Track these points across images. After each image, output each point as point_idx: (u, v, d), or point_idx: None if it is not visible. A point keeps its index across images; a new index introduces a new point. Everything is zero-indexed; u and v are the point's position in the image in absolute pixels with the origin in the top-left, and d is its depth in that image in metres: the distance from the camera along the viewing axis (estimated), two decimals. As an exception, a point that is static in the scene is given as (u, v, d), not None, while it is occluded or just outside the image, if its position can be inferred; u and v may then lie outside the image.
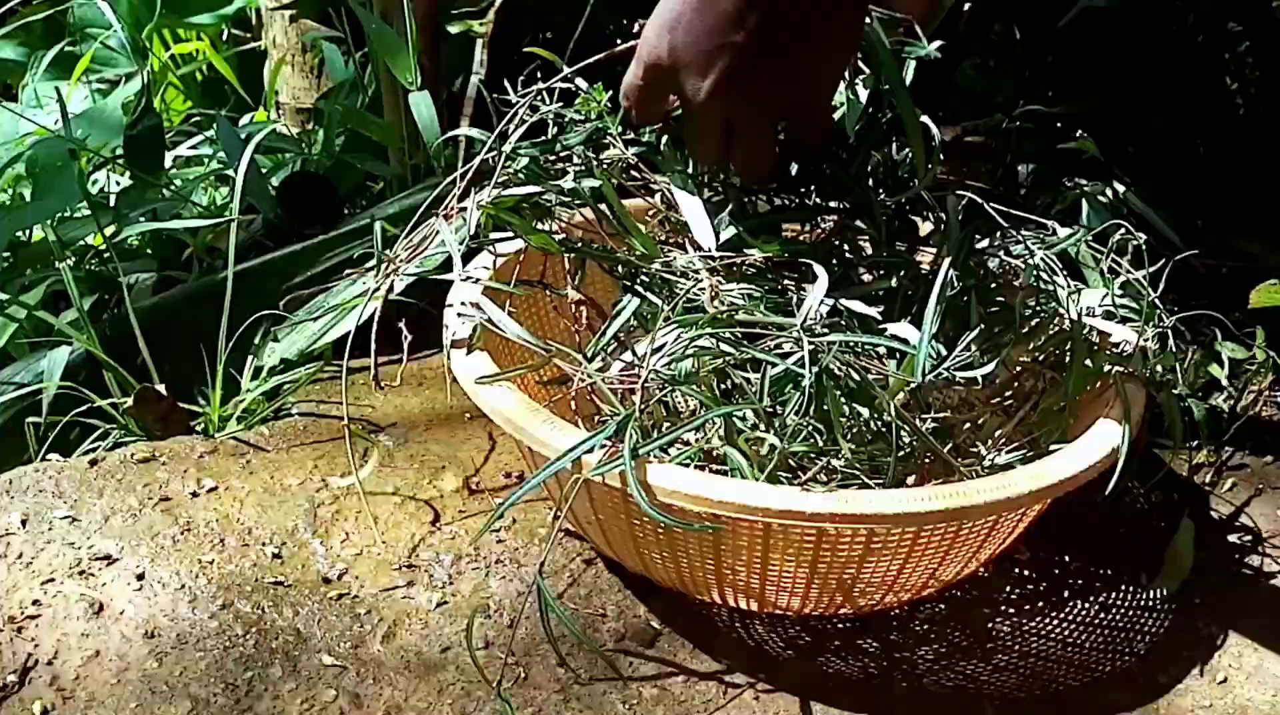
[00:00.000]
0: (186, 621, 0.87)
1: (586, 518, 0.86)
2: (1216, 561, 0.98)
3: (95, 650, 0.85)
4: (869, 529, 0.76)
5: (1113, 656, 0.89)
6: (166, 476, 1.03)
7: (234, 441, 1.08)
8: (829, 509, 0.72)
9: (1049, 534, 1.01)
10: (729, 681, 0.85)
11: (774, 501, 0.73)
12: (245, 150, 1.25)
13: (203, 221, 1.40)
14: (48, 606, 0.88)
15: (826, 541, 0.78)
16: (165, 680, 0.83)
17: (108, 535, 0.95)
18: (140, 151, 1.40)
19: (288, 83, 1.80)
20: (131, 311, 1.15)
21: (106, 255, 1.47)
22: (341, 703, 0.82)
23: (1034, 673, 0.87)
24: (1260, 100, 1.39)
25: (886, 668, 0.87)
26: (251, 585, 0.91)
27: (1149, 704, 0.85)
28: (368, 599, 0.91)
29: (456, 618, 0.89)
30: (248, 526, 0.97)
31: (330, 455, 1.07)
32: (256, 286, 1.22)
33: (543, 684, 0.84)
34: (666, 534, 0.81)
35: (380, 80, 1.50)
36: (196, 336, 1.16)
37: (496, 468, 1.06)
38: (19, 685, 0.82)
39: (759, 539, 0.78)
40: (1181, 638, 0.91)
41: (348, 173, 1.54)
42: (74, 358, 1.13)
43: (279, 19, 1.78)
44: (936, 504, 0.73)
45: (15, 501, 0.98)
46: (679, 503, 0.74)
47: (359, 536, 0.97)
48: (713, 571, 0.83)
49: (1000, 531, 0.84)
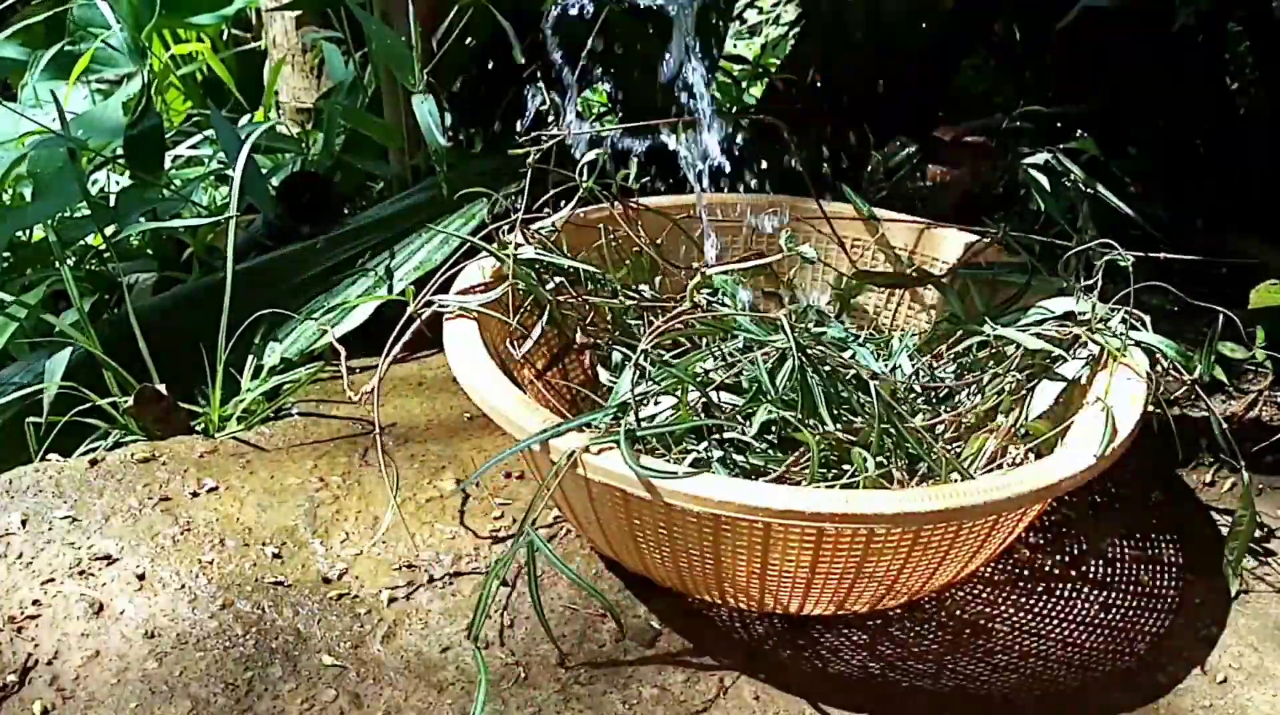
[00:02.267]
0: (186, 621, 0.87)
1: (586, 517, 0.86)
2: (1217, 562, 0.98)
3: (95, 650, 0.85)
4: (869, 529, 0.76)
5: (1113, 656, 0.89)
6: (166, 476, 1.03)
7: (234, 441, 1.08)
8: (829, 508, 0.72)
9: (1049, 534, 1.02)
10: (729, 682, 0.85)
11: (774, 501, 0.73)
12: (243, 149, 1.25)
13: (202, 220, 1.40)
14: (48, 606, 0.88)
15: (827, 541, 0.78)
16: (165, 680, 0.83)
17: (108, 535, 0.95)
18: (140, 151, 1.40)
19: (288, 83, 1.80)
20: (131, 311, 1.15)
21: (106, 255, 1.47)
22: (341, 703, 0.82)
23: (1034, 673, 0.87)
24: (1260, 100, 1.39)
25: (886, 668, 0.87)
26: (251, 585, 0.91)
27: (1149, 704, 0.85)
28: (368, 599, 0.91)
29: (456, 618, 0.89)
30: (248, 526, 0.97)
31: (330, 455, 1.07)
32: (256, 286, 1.22)
33: (543, 684, 0.84)
34: (668, 534, 0.81)
35: (380, 80, 1.50)
36: (196, 336, 1.16)
37: (497, 467, 1.06)
38: (19, 685, 0.82)
39: (759, 539, 0.78)
40: (1181, 638, 0.91)
41: (348, 173, 1.54)
42: (74, 358, 1.13)
43: (279, 19, 1.78)
44: (936, 504, 0.73)
45: (15, 501, 0.98)
46: (680, 503, 0.74)
47: (359, 536, 0.97)
48: (713, 571, 0.83)
49: (1000, 531, 0.84)
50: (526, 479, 1.05)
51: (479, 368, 0.86)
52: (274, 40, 1.80)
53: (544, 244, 0.99)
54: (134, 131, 1.39)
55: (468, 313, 0.93)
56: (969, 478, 0.88)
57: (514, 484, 1.04)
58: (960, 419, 0.96)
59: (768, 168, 1.23)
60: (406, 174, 1.46)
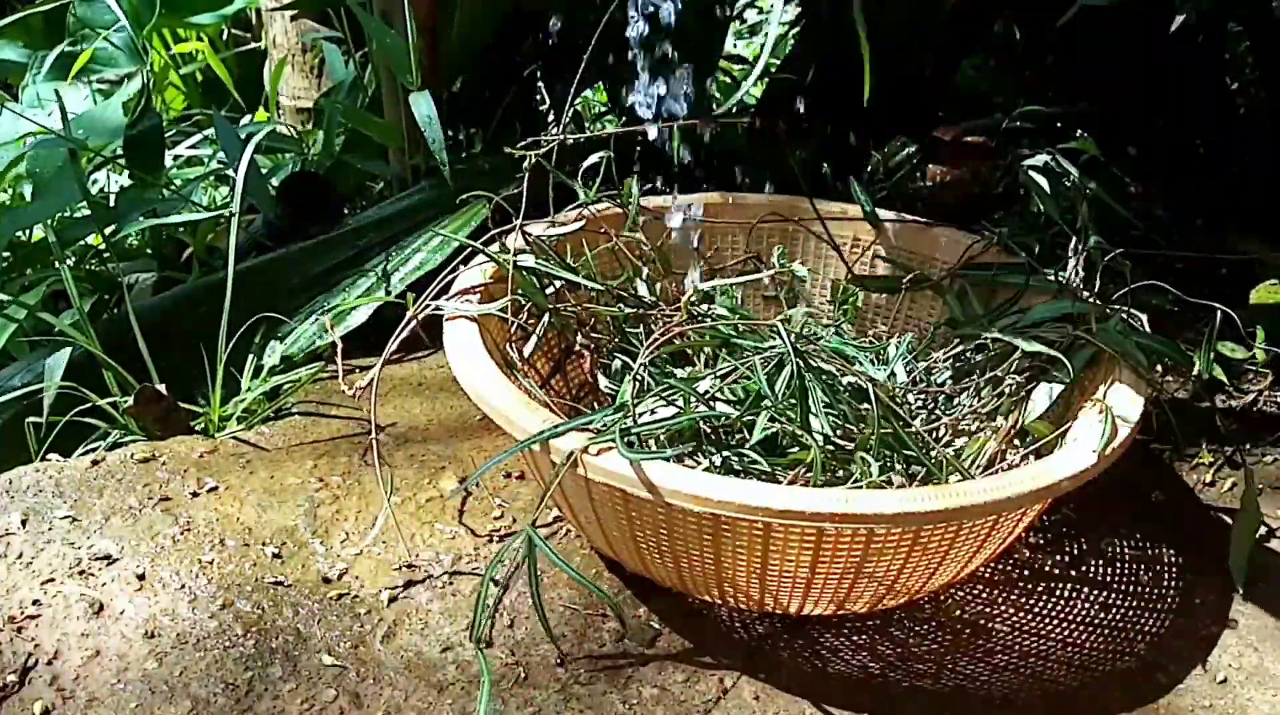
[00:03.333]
0: (186, 621, 0.87)
1: (587, 518, 0.86)
2: (1217, 561, 0.98)
3: (95, 650, 0.85)
4: (869, 529, 0.76)
5: (1113, 656, 0.89)
6: (166, 476, 1.03)
7: (234, 441, 1.08)
8: (829, 508, 0.73)
9: (1049, 534, 1.02)
10: (729, 682, 0.85)
11: (774, 501, 0.73)
12: (245, 150, 1.25)
13: (201, 215, 1.40)
14: (48, 606, 0.88)
15: (827, 541, 0.78)
16: (165, 680, 0.83)
17: (108, 535, 0.95)
18: (140, 151, 1.40)
19: (288, 83, 1.80)
20: (131, 311, 1.15)
21: (106, 255, 1.48)
22: (341, 703, 0.82)
23: (1034, 673, 0.87)
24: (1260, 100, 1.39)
25: (886, 668, 0.87)
26: (251, 585, 0.91)
27: (1149, 704, 0.85)
28: (368, 599, 0.91)
29: (456, 618, 0.89)
30: (248, 526, 0.97)
31: (330, 455, 1.07)
32: (256, 286, 1.22)
33: (543, 684, 0.84)
34: (668, 534, 0.81)
35: (380, 80, 1.50)
36: (196, 336, 1.16)
37: (497, 467, 1.06)
38: (19, 685, 0.82)
39: (759, 539, 0.78)
40: (1181, 638, 0.91)
41: (348, 173, 1.55)
42: (74, 358, 1.13)
43: (279, 19, 1.78)
44: (936, 504, 0.73)
45: (15, 501, 0.98)
46: (680, 502, 0.74)
47: (359, 536, 0.97)
48: (713, 571, 0.83)
49: (1000, 531, 0.84)
50: (527, 479, 1.05)
51: (479, 368, 0.86)
52: (274, 40, 1.80)
53: (543, 251, 0.99)
54: (134, 131, 1.39)
55: (468, 315, 0.93)
56: (969, 478, 0.88)
57: (514, 484, 1.04)
58: (959, 422, 0.96)
59: (768, 168, 1.24)
60: (406, 174, 1.46)
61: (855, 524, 0.75)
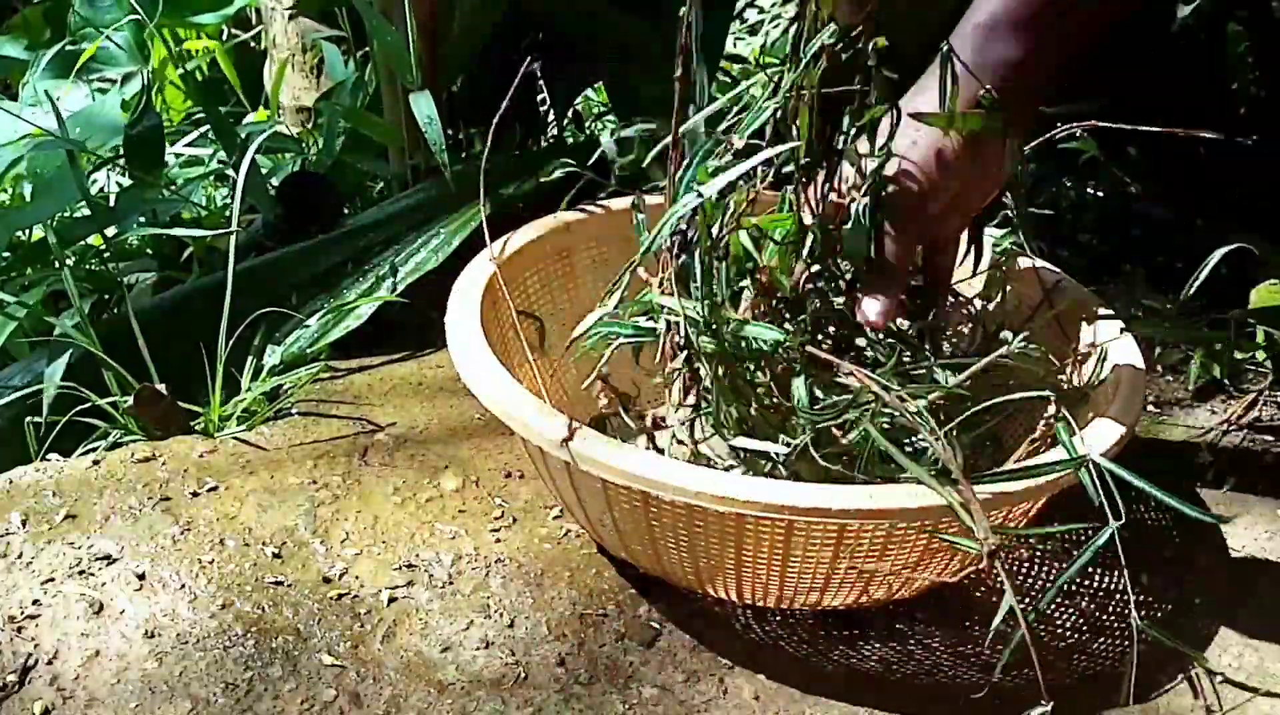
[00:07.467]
0: (186, 621, 0.87)
1: (599, 519, 0.86)
2: (1216, 561, 0.98)
3: (95, 650, 0.85)
4: (890, 523, 0.76)
5: (1113, 655, 0.89)
6: (166, 476, 1.03)
7: (234, 441, 1.08)
8: (855, 505, 0.73)
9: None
10: (730, 681, 0.85)
11: (799, 500, 0.73)
12: (248, 152, 1.25)
13: (203, 232, 1.40)
14: (48, 606, 0.88)
15: (848, 536, 0.78)
16: (165, 680, 0.83)
17: (108, 535, 0.95)
18: (140, 151, 1.40)
19: (288, 83, 1.80)
20: (131, 311, 1.15)
21: (106, 255, 1.48)
22: (341, 703, 0.82)
23: (1034, 673, 0.87)
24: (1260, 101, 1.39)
25: (886, 668, 0.87)
26: (251, 585, 0.91)
27: (1149, 703, 0.85)
28: (368, 599, 0.91)
29: (456, 618, 0.89)
30: (248, 526, 0.97)
31: (330, 455, 1.07)
32: (256, 286, 1.22)
33: (543, 684, 0.84)
34: (687, 533, 0.80)
35: (380, 80, 1.50)
36: (196, 336, 1.15)
37: (497, 467, 1.06)
38: (19, 685, 0.82)
39: (780, 536, 0.78)
40: (1181, 638, 0.91)
41: (348, 173, 1.54)
42: (74, 358, 1.13)
43: (279, 19, 1.78)
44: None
45: (15, 501, 0.98)
46: (704, 503, 0.74)
47: (359, 536, 0.97)
48: (732, 569, 0.83)
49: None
50: (527, 479, 1.05)
51: (485, 369, 0.85)
52: (274, 40, 1.80)
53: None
54: (134, 131, 1.39)
55: (471, 316, 0.92)
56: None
57: (514, 484, 1.04)
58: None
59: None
60: (406, 174, 1.46)
61: (880, 520, 0.75)
